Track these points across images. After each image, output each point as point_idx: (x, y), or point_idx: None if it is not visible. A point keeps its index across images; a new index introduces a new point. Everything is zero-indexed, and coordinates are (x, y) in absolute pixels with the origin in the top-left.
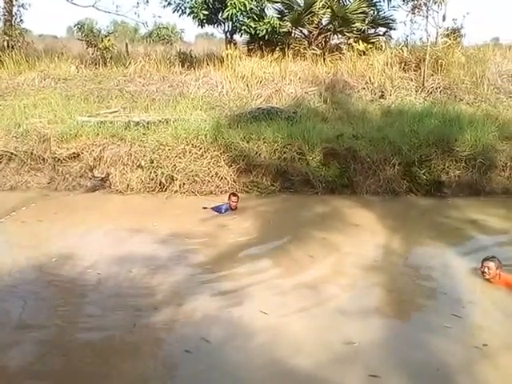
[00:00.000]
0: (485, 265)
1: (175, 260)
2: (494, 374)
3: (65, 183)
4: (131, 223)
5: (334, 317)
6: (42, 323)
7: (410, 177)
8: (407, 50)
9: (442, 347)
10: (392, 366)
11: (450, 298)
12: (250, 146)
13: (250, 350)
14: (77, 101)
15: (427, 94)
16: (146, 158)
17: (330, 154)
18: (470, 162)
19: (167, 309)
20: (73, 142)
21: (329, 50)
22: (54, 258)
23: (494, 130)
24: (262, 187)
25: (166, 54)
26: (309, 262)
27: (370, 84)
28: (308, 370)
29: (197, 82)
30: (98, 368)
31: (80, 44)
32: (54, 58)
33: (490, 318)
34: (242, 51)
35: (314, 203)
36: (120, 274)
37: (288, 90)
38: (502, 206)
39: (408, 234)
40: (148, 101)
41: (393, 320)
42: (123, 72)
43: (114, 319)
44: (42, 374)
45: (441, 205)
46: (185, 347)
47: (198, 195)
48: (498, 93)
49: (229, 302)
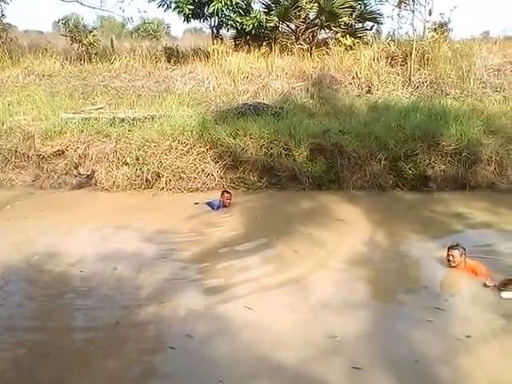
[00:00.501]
0: (450, 253)
1: (160, 257)
2: (475, 364)
3: (50, 181)
4: (117, 220)
5: (317, 311)
6: (24, 323)
7: (396, 171)
8: (394, 45)
9: (424, 340)
10: (374, 359)
11: (434, 292)
12: (237, 142)
13: (235, 345)
14: (61, 97)
15: (414, 88)
16: (132, 155)
17: (317, 149)
18: (456, 156)
19: (151, 306)
20: (57, 139)
21: (316, 45)
22: (37, 255)
23: (480, 124)
24: (248, 183)
25: (151, 49)
26: (294, 258)
27: (357, 79)
28: (292, 364)
29: (183, 77)
30: (81, 366)
31: (65, 40)
32: (39, 54)
33: (473, 310)
34: (229, 46)
35: (301, 199)
36: (104, 272)
37: (275, 86)
38: (486, 199)
39: (393, 229)
40: (134, 97)
41: (376, 314)
42: (108, 68)
43: (98, 317)
44: (24, 374)
45: (426, 199)
46: (169, 344)
47: (185, 192)
48: (484, 87)
49: (213, 298)
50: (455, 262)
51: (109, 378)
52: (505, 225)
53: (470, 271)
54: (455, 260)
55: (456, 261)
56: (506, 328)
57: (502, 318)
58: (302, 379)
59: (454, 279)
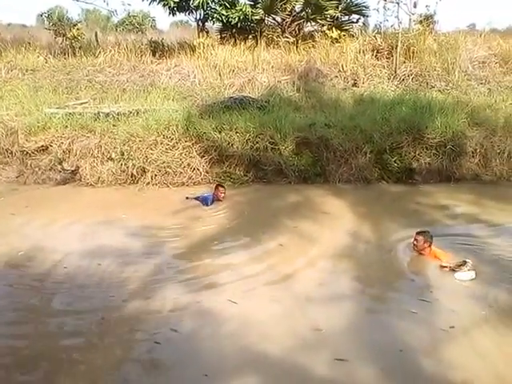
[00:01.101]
0: (415, 237)
1: (145, 252)
2: (458, 354)
3: (34, 177)
4: (102, 216)
5: (302, 304)
6: (7, 319)
7: (381, 164)
8: (380, 38)
9: (408, 330)
10: (358, 350)
11: (418, 284)
12: (222, 137)
13: (220, 338)
14: (45, 92)
15: (399, 81)
16: (117, 150)
17: (303, 143)
18: (441, 148)
19: (136, 301)
20: (41, 134)
21: (302, 38)
22: (21, 252)
23: (464, 116)
24: (234, 177)
25: (137, 42)
26: (279, 251)
27: (343, 72)
28: (277, 356)
29: (168, 71)
30: (67, 363)
31: (49, 33)
32: (22, 48)
33: (457, 302)
34: (215, 39)
35: (287, 193)
36: (89, 268)
37: (261, 79)
38: (471, 191)
39: (379, 221)
40: (118, 91)
41: (360, 306)
42: (93, 62)
43: (82, 313)
44: (10, 371)
45: (412, 192)
46: (154, 339)
47: (171, 186)
48: (469, 79)
49: (198, 292)
50: (418, 247)
51: (94, 373)
52: (489, 216)
53: (433, 257)
54: (418, 245)
55: (419, 246)
56: (488, 319)
57: (485, 309)
58: (287, 371)
59: (441, 271)
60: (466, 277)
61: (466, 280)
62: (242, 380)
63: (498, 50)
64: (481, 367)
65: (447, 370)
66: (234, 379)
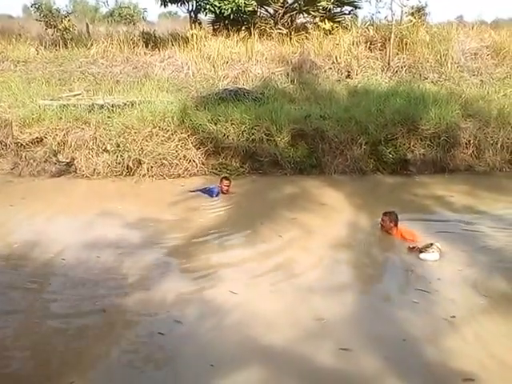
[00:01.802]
0: (382, 217)
1: (144, 244)
2: (460, 342)
3: (29, 169)
4: (99, 208)
5: (303, 295)
6: (5, 311)
7: (376, 156)
8: (373, 29)
9: (410, 320)
10: (361, 340)
11: (417, 274)
12: (218, 128)
13: (224, 329)
14: (38, 84)
15: (393, 73)
16: (112, 142)
17: (298, 134)
18: (435, 140)
19: (137, 293)
20: (35, 126)
21: (295, 30)
22: (17, 244)
23: (458, 108)
24: (231, 169)
25: (128, 34)
26: (278, 242)
27: (337, 64)
28: (281, 346)
29: (162, 63)
30: (70, 356)
31: (39, 24)
32: (12, 39)
33: (457, 292)
34: (207, 31)
35: (284, 184)
36: (88, 260)
37: (255, 71)
38: (465, 182)
39: (375, 212)
40: (112, 83)
41: (361, 296)
42: (85, 53)
43: (83, 306)
44: (10, 364)
45: (407, 182)
46: (158, 330)
47: (167, 178)
48: (461, 71)
49: (199, 283)
50: (385, 226)
51: (98, 365)
52: (483, 206)
53: (400, 236)
54: (385, 225)
55: (385, 225)
56: (487, 308)
57: (483, 298)
58: (292, 361)
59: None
60: (430, 257)
61: (429, 260)
62: (247, 369)
63: (490, 41)
64: (482, 355)
65: (449, 359)
66: (239, 369)
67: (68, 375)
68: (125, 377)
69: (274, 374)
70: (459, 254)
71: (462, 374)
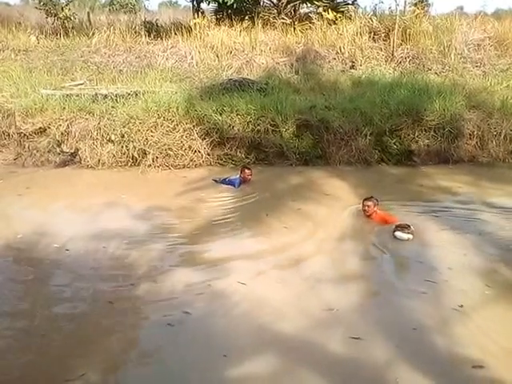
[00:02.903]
0: (365, 204)
1: (151, 235)
2: (469, 331)
3: (32, 159)
4: (105, 198)
5: (311, 285)
6: (15, 304)
7: (381, 146)
8: (376, 20)
9: (420, 309)
10: (372, 329)
11: (425, 265)
12: (223, 119)
13: (234, 319)
14: (39, 73)
15: (396, 63)
16: (117, 132)
17: (303, 125)
18: (439, 130)
19: (145, 284)
20: (38, 116)
21: (298, 20)
22: (21, 234)
23: (462, 99)
24: (236, 160)
25: (130, 23)
26: (285, 233)
27: (341, 54)
28: (292, 335)
29: (165, 52)
30: (79, 347)
31: (38, 13)
32: (11, 27)
33: (464, 282)
34: (210, 20)
35: (289, 175)
36: (94, 251)
37: (259, 61)
38: (469, 173)
39: (381, 203)
40: (115, 72)
41: (369, 287)
42: (87, 42)
43: (90, 297)
44: (19, 356)
45: (412, 173)
46: (167, 321)
47: (172, 169)
48: (464, 62)
49: (207, 275)
50: (369, 211)
51: (109, 358)
52: (487, 196)
53: (380, 220)
54: (369, 210)
55: (370, 210)
56: (495, 296)
57: (490, 287)
58: (303, 348)
59: (445, 252)
60: (403, 236)
61: (402, 239)
62: (260, 359)
63: (493, 32)
64: (490, 343)
65: (459, 347)
66: (252, 359)
67: (79, 368)
68: (136, 369)
69: (285, 362)
70: (465, 243)
71: (472, 362)
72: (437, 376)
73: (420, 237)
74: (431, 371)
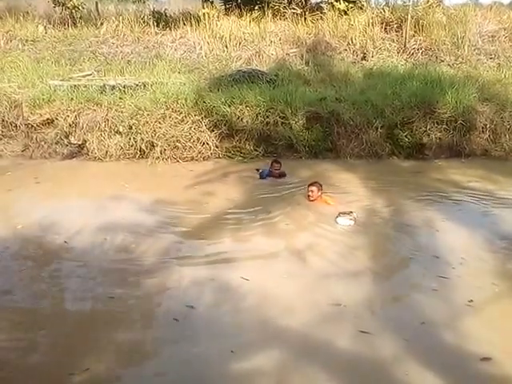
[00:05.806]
0: (309, 189)
1: (157, 228)
2: (478, 326)
3: (40, 151)
4: (112, 190)
5: (318, 280)
6: (20, 296)
7: (392, 139)
8: (388, 10)
9: (429, 305)
10: (380, 323)
11: (435, 259)
12: (232, 111)
13: (240, 314)
14: (47, 64)
15: (409, 55)
16: (125, 124)
17: (313, 117)
18: (451, 123)
19: (149, 278)
20: (46, 107)
21: (309, 10)
22: (25, 226)
23: (475, 91)
24: (245, 152)
25: (139, 13)
26: (292, 227)
27: (352, 45)
28: (300, 329)
29: (173, 43)
30: (84, 342)
31: (46, 2)
32: (19, 17)
33: (473, 277)
34: (220, 10)
35: (298, 168)
36: (99, 243)
37: (269, 52)
38: (482, 167)
39: (392, 197)
40: (123, 63)
41: (378, 282)
42: (95, 33)
43: (95, 290)
44: (23, 350)
45: (423, 167)
46: (172, 316)
47: (181, 161)
48: (478, 54)
49: (212, 269)
50: (314, 196)
51: (113, 352)
52: (500, 192)
53: (324, 202)
54: (314, 195)
55: (314, 195)
56: (505, 291)
57: (501, 282)
58: (312, 344)
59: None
60: (345, 222)
61: (344, 225)
62: (269, 354)
63: (508, 23)
64: (498, 337)
65: (467, 342)
66: (260, 354)
67: (83, 362)
68: (140, 363)
69: (293, 358)
70: (476, 238)
71: (480, 354)
72: (446, 370)
73: (430, 231)
74: (440, 365)
